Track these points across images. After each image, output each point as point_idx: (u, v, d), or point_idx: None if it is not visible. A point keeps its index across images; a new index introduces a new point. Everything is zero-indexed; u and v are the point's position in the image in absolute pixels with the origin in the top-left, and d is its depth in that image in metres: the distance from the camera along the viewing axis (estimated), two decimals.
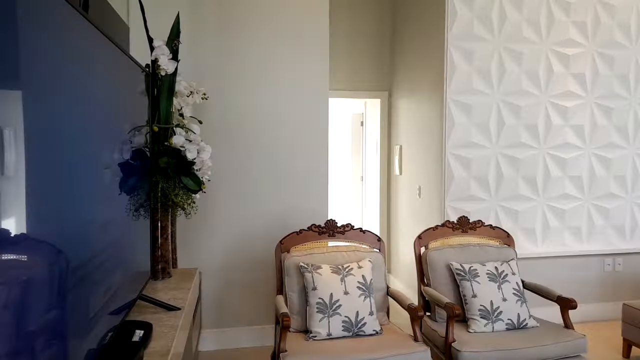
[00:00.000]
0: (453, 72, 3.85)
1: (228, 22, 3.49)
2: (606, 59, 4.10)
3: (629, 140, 4.19)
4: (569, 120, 4.07)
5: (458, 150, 3.89)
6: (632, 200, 4.23)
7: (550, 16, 3.99)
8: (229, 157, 3.52)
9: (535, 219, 4.05)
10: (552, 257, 4.07)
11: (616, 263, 4.20)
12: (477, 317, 2.91)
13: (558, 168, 4.06)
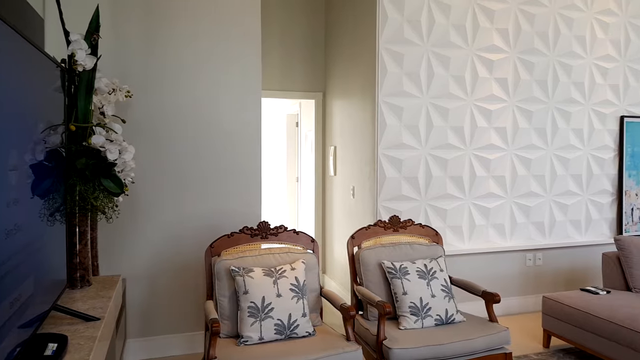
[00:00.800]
0: (384, 75, 3.92)
1: (154, 18, 3.35)
2: (527, 65, 4.34)
3: (548, 142, 4.45)
4: (492, 123, 4.26)
5: (390, 151, 3.97)
6: (550, 199, 4.49)
7: (475, 23, 4.16)
8: (155, 158, 3.38)
9: (462, 217, 4.21)
10: (478, 253, 4.24)
11: (537, 258, 4.45)
12: (408, 314, 2.97)
13: (483, 168, 4.24)
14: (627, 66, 4.69)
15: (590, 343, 3.29)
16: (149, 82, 3.34)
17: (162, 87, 3.38)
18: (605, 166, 4.65)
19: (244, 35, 3.53)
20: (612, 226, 4.70)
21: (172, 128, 3.41)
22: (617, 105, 4.67)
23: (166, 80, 3.38)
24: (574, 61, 4.49)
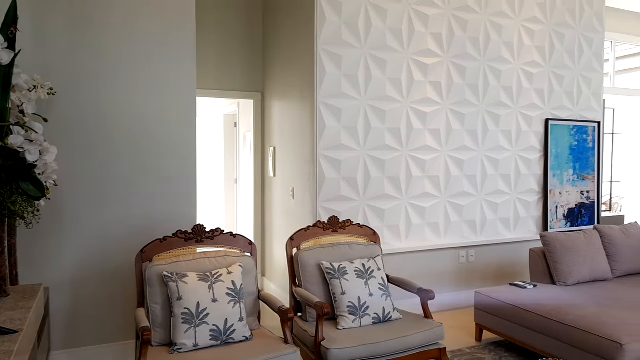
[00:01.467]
0: (323, 76, 3.93)
1: (82, 11, 3.17)
2: (459, 69, 4.49)
3: (479, 143, 4.63)
4: (427, 125, 4.38)
5: (329, 152, 3.98)
6: (482, 198, 4.68)
7: (411, 27, 4.26)
8: (81, 159, 3.20)
9: (400, 217, 4.30)
10: (414, 251, 4.35)
11: (469, 255, 4.62)
12: (346, 313, 2.99)
13: (419, 169, 4.36)
14: (551, 72, 4.97)
15: (520, 335, 3.44)
16: (75, 79, 3.16)
17: (89, 84, 3.20)
18: (532, 166, 4.91)
19: (179, 33, 3.42)
20: (539, 223, 4.96)
21: (100, 128, 3.24)
22: (542, 108, 4.94)
23: (94, 78, 3.21)
24: (503, 66, 4.70)
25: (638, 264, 4.20)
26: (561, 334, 3.15)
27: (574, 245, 3.94)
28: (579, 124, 5.13)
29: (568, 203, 5.05)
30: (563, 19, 5.01)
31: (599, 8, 5.24)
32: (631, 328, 2.94)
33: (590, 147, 5.20)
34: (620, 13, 7.30)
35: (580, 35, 5.13)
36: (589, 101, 5.22)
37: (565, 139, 5.05)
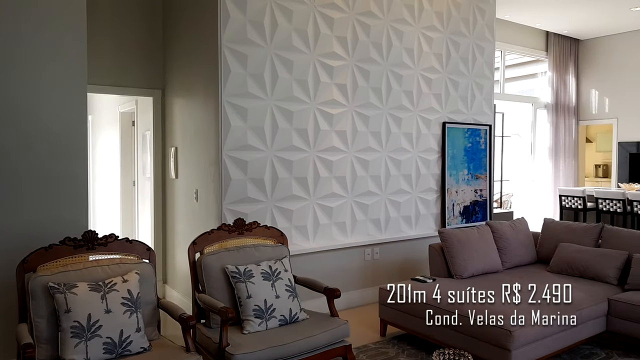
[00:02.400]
0: (228, 75, 3.84)
1: None
2: (363, 73, 4.61)
3: (382, 144, 4.79)
4: (334, 126, 4.44)
5: (235, 152, 3.90)
6: (385, 197, 4.84)
7: (316, 29, 4.30)
8: None
9: (308, 217, 4.32)
10: (322, 251, 4.40)
11: (374, 252, 4.76)
12: (252, 317, 2.94)
13: (326, 169, 4.41)
14: (447, 78, 5.27)
15: (421, 328, 3.59)
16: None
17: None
18: (431, 167, 5.17)
19: (68, 26, 3.16)
20: (437, 220, 5.24)
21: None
22: (440, 112, 5.21)
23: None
24: (404, 71, 4.90)
25: (525, 256, 4.57)
26: (458, 324, 3.33)
27: (468, 240, 4.19)
28: (472, 127, 5.49)
29: (463, 201, 5.38)
30: (458, 28, 5.33)
31: (489, 19, 5.65)
32: (519, 316, 3.18)
33: (483, 149, 5.58)
34: (509, 25, 7.94)
35: (474, 44, 5.49)
36: (482, 106, 5.61)
37: (460, 141, 5.37)
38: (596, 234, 4.40)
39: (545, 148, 8.65)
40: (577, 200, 7.73)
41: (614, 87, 8.77)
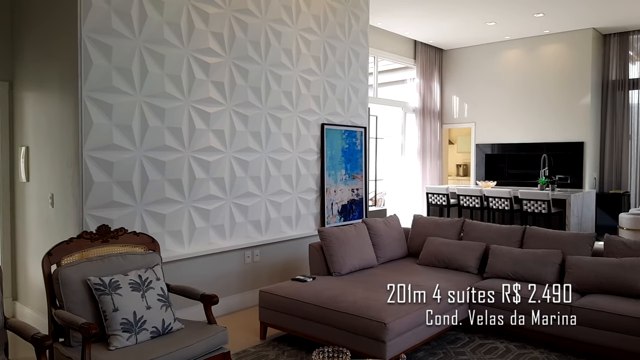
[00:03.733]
0: (89, 68, 3.50)
1: None
2: (241, 71, 4.51)
3: (262, 145, 4.73)
4: (211, 125, 4.28)
5: (98, 152, 3.57)
6: (266, 198, 4.79)
7: (190, 23, 4.11)
8: None
9: (182, 221, 4.11)
10: (199, 256, 4.21)
11: (254, 254, 4.68)
12: (119, 331, 2.70)
13: (202, 170, 4.23)
14: (325, 80, 5.37)
15: (301, 327, 3.60)
16: None
17: None
18: (311, 167, 5.23)
19: None
20: (317, 219, 5.32)
21: None
22: (318, 113, 5.30)
23: None
24: (283, 72, 4.89)
25: (397, 251, 4.82)
26: (336, 320, 3.40)
27: (346, 238, 4.31)
28: (349, 128, 5.66)
29: (341, 200, 5.53)
30: (334, 32, 5.47)
31: (364, 25, 5.88)
32: (393, 308, 3.32)
33: (359, 150, 5.79)
34: (381, 32, 8.37)
35: (349, 49, 5.67)
36: (357, 109, 5.81)
37: (338, 142, 5.51)
38: (458, 228, 4.79)
39: (414, 149, 9.28)
40: (442, 197, 8.39)
41: (472, 95, 9.68)
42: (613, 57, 8.74)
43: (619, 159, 8.70)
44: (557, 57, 8.73)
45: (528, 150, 9.02)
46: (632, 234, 6.00)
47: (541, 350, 3.61)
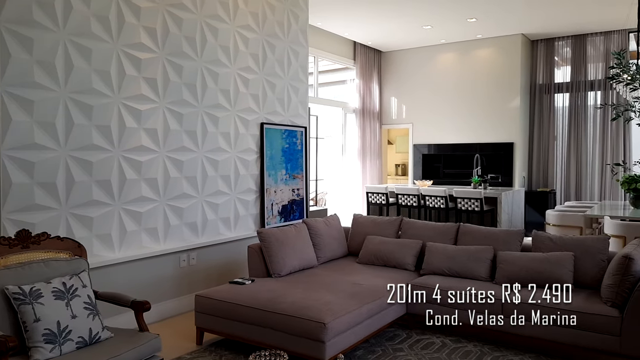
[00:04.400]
0: (7, 61, 3.25)
1: None
2: (176, 68, 4.35)
3: (199, 144, 4.59)
4: (143, 124, 4.10)
5: (17, 152, 3.32)
6: (202, 199, 4.65)
7: (120, 17, 3.92)
8: None
9: (112, 225, 3.91)
10: (131, 261, 4.02)
11: (190, 258, 4.54)
12: (41, 343, 2.52)
13: (134, 171, 4.04)
14: (264, 79, 5.30)
15: (240, 331, 3.52)
16: None
17: None
18: (250, 167, 5.14)
19: None
20: (257, 220, 5.23)
21: None
22: (258, 112, 5.22)
23: None
24: (220, 69, 4.77)
25: (337, 250, 4.83)
26: (275, 322, 3.34)
27: (286, 239, 4.26)
28: (289, 128, 5.62)
29: (282, 200, 5.48)
30: (273, 31, 5.41)
31: (303, 25, 5.85)
32: (333, 308, 3.32)
33: (299, 150, 5.76)
34: (321, 32, 8.40)
35: (289, 48, 5.63)
36: (297, 108, 5.78)
37: (278, 141, 5.46)
38: (396, 226, 4.87)
39: (354, 149, 9.38)
40: (381, 196, 8.54)
41: (409, 96, 9.93)
42: (540, 62, 9.24)
43: (546, 159, 9.21)
44: (489, 61, 9.11)
45: (462, 151, 9.36)
46: (557, 229, 6.35)
47: (475, 343, 3.73)
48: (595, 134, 8.77)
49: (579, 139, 8.88)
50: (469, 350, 3.61)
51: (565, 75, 9.09)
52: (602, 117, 8.65)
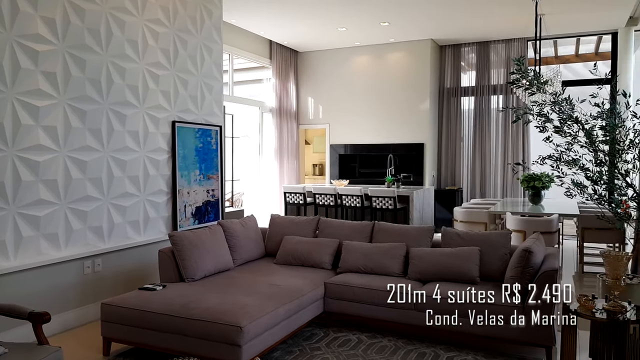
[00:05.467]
0: None
1: None
2: (78, 61, 4.06)
3: (104, 143, 4.31)
4: (40, 121, 3.78)
5: None
6: (108, 202, 4.38)
7: (14, 5, 3.59)
8: None
9: (5, 231, 3.56)
10: (28, 269, 3.69)
11: (96, 264, 4.25)
12: None
13: (30, 172, 3.71)
14: (176, 75, 5.10)
15: (151, 339, 3.36)
16: None
17: None
18: (161, 167, 4.91)
19: None
20: (168, 223, 5.02)
21: None
22: (169, 110, 5.01)
23: None
24: (127, 64, 4.52)
25: (254, 252, 4.76)
26: (189, 329, 3.22)
27: (200, 242, 4.12)
28: (203, 127, 5.46)
29: (196, 201, 5.30)
30: (185, 26, 5.22)
31: (217, 21, 5.70)
32: (249, 311, 3.25)
33: (214, 149, 5.61)
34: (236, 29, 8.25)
35: (202, 44, 5.46)
36: (212, 106, 5.63)
37: (191, 141, 5.27)
38: (314, 226, 4.90)
39: (272, 149, 9.33)
40: (299, 196, 8.56)
41: (326, 97, 10.05)
42: (448, 67, 9.74)
43: (454, 159, 9.74)
44: (401, 65, 9.46)
45: (377, 151, 9.64)
46: (464, 225, 6.72)
47: (389, 338, 3.84)
48: (498, 135, 9.40)
49: (483, 140, 9.48)
50: (384, 345, 3.71)
51: (471, 80, 9.66)
52: (504, 119, 9.30)
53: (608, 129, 4.64)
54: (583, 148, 4.87)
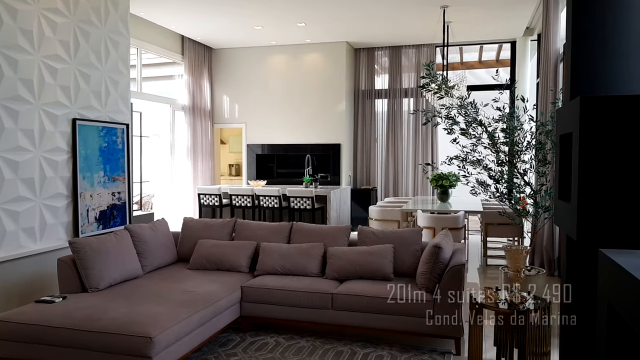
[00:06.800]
0: None
1: None
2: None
3: (35, 144, 3.91)
4: None
5: None
6: (41, 202, 3.98)
7: None
8: None
9: None
10: None
11: None
12: None
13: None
14: (77, 69, 4.71)
15: (49, 356, 3.07)
16: None
17: None
18: (59, 169, 4.51)
19: None
20: (69, 229, 4.62)
21: None
22: (69, 107, 4.62)
23: None
24: (20, 55, 4.10)
25: (166, 257, 4.53)
26: (93, 342, 2.99)
27: (104, 248, 3.84)
28: (108, 125, 5.10)
29: (100, 205, 4.93)
30: (88, 16, 4.84)
31: (123, 12, 5.36)
32: (160, 320, 3.07)
33: (120, 149, 5.27)
34: (145, 23, 7.84)
35: (106, 36, 5.10)
36: (117, 103, 5.27)
37: (95, 140, 4.91)
38: (230, 228, 4.76)
39: (184, 149, 8.98)
40: (214, 198, 8.32)
41: (242, 96, 9.87)
42: (362, 70, 9.96)
43: (368, 159, 9.97)
44: (317, 66, 9.52)
45: (294, 151, 9.63)
46: (379, 223, 6.89)
47: (307, 338, 3.81)
48: (409, 136, 9.77)
49: (396, 141, 9.80)
50: (302, 346, 3.68)
51: (384, 83, 9.95)
52: (415, 121, 9.68)
53: (508, 132, 4.97)
54: (486, 149, 5.18)
